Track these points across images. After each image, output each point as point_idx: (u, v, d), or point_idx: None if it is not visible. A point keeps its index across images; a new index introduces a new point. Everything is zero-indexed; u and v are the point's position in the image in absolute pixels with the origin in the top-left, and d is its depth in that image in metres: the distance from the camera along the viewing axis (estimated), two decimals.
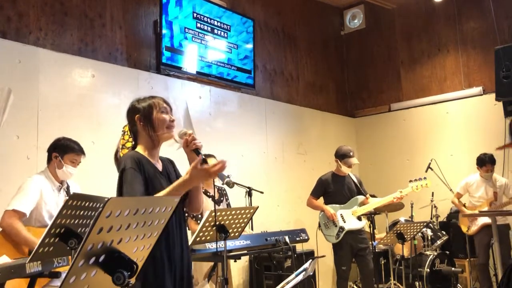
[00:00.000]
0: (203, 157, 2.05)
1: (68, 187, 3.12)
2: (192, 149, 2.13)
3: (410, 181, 4.65)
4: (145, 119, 2.17)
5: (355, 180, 4.74)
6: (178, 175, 2.29)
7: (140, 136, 2.20)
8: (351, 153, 4.63)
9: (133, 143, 2.23)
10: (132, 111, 2.22)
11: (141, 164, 2.09)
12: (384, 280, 5.40)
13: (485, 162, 5.25)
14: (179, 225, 2.18)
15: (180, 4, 4.93)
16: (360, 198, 4.64)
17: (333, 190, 4.64)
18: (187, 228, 3.23)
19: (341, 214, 4.54)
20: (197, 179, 2.02)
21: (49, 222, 2.85)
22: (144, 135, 2.18)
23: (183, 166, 2.21)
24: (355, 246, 4.51)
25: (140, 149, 2.18)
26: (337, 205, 4.59)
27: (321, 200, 4.73)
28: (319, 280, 5.24)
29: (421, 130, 6.64)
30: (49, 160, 3.05)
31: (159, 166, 2.21)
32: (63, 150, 3.01)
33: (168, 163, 2.31)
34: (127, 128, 2.27)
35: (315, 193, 4.72)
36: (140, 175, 2.06)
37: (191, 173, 1.98)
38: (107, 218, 1.22)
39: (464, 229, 5.42)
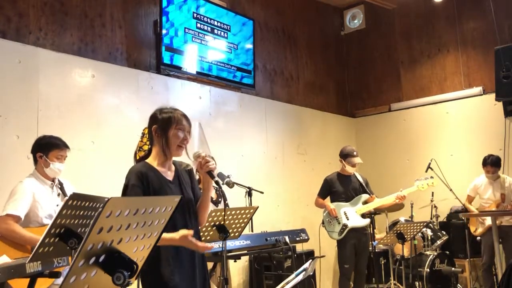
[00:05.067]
0: (216, 179, 2.18)
1: (61, 184, 3.10)
2: (205, 171, 2.22)
3: (417, 180, 4.66)
4: (161, 132, 2.22)
5: (361, 180, 4.80)
6: (193, 185, 2.35)
7: (154, 146, 2.26)
8: (355, 153, 4.72)
9: (149, 147, 2.29)
10: (152, 120, 2.27)
11: (146, 178, 2.13)
12: (384, 280, 5.40)
13: (486, 163, 5.23)
14: (191, 224, 2.23)
15: (180, 4, 4.93)
16: (364, 196, 4.69)
17: (337, 189, 4.74)
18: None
19: (344, 212, 4.61)
20: (183, 244, 2.06)
21: (47, 222, 2.85)
22: (158, 146, 2.24)
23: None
24: (357, 245, 4.59)
25: (152, 157, 2.24)
26: (341, 203, 4.67)
27: (327, 200, 4.81)
28: (320, 279, 5.24)
29: (421, 130, 6.64)
30: (35, 161, 3.02)
31: (170, 175, 2.25)
32: (47, 148, 2.99)
33: (184, 171, 2.34)
34: (146, 131, 2.35)
35: (321, 193, 4.83)
36: (141, 191, 2.10)
37: (180, 239, 2.02)
38: (107, 218, 1.23)
39: (472, 229, 5.42)
